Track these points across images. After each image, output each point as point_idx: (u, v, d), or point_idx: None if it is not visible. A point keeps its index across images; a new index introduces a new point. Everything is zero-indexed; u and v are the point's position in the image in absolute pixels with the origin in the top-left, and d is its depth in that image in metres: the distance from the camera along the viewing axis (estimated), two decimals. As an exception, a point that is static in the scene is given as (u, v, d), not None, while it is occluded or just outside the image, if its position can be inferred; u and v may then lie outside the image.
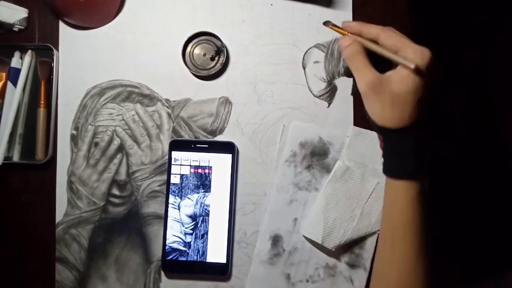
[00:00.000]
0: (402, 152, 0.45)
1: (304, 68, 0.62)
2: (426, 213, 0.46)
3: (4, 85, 0.62)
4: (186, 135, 0.63)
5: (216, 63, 0.62)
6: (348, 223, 0.59)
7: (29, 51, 0.62)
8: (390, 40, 0.43)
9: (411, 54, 0.41)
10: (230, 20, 0.63)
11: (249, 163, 0.62)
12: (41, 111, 0.62)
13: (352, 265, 0.60)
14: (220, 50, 0.61)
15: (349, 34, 0.46)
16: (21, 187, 0.63)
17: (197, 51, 0.62)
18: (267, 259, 0.61)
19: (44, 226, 0.63)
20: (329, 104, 0.62)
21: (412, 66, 0.40)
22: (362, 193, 0.59)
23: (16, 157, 0.63)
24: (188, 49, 0.62)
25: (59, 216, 0.63)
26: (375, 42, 0.44)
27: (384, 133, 0.46)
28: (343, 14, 0.62)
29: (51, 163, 0.63)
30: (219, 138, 0.63)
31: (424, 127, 0.44)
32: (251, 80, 0.63)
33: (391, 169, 0.47)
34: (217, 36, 0.61)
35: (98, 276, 0.62)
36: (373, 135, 0.60)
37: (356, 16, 0.62)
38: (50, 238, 0.62)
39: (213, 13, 0.63)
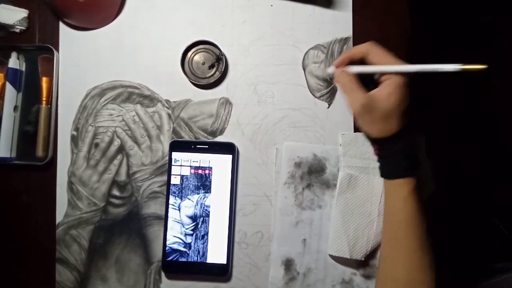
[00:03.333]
0: (394, 155, 0.52)
1: (304, 69, 0.62)
2: (425, 208, 0.51)
3: (3, 86, 0.62)
4: (187, 136, 0.63)
5: (215, 71, 0.62)
6: (369, 228, 0.58)
7: (13, 53, 0.62)
8: (376, 57, 0.50)
9: (391, 66, 0.50)
10: (230, 21, 0.63)
11: (249, 164, 0.62)
12: (43, 107, 0.62)
13: (367, 276, 0.60)
14: (219, 59, 0.61)
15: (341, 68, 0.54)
16: (21, 188, 0.63)
17: (196, 59, 0.62)
18: (283, 285, 0.60)
19: (44, 227, 0.63)
20: (329, 105, 0.62)
21: (403, 80, 0.48)
22: (373, 195, 0.59)
23: (16, 158, 0.63)
24: (187, 58, 0.62)
25: (59, 217, 0.63)
26: (364, 61, 0.51)
27: (377, 143, 0.54)
28: (343, 14, 0.62)
29: (52, 164, 0.63)
30: (220, 139, 0.63)
31: (411, 131, 0.51)
32: (251, 81, 0.63)
33: (386, 171, 0.53)
34: (216, 45, 0.61)
35: (98, 277, 0.62)
36: (362, 136, 0.60)
37: (356, 17, 0.62)
38: (50, 239, 0.62)
39: (213, 14, 0.63)
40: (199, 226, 0.60)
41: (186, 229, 0.60)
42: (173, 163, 0.61)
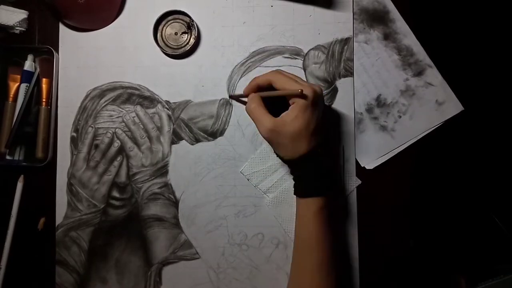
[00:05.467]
0: (305, 176, 0.52)
1: (305, 69, 0.62)
2: (332, 225, 0.53)
3: (17, 88, 0.62)
4: (187, 137, 0.62)
5: (189, 38, 0.61)
6: None
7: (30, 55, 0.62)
8: (280, 81, 0.51)
9: (296, 89, 0.48)
10: (230, 21, 0.63)
11: (249, 165, 0.62)
12: (43, 109, 0.62)
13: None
14: (190, 25, 0.61)
15: (250, 94, 0.54)
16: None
17: (168, 32, 0.62)
18: None
19: (44, 228, 0.62)
20: (330, 106, 0.62)
21: (298, 91, 0.47)
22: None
23: (16, 159, 0.63)
24: (159, 32, 0.62)
25: (59, 218, 0.62)
26: (271, 86, 0.52)
27: (288, 163, 0.56)
28: (343, 15, 0.62)
29: (51, 165, 0.63)
30: (220, 140, 0.62)
31: (321, 152, 0.52)
32: (251, 82, 0.62)
33: (298, 189, 0.54)
34: (184, 13, 0.61)
35: (98, 279, 0.62)
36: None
37: (356, 17, 0.62)
38: (50, 240, 0.62)
39: (213, 15, 0.63)
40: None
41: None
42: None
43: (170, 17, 0.62)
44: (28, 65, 0.62)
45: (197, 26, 0.62)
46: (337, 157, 0.61)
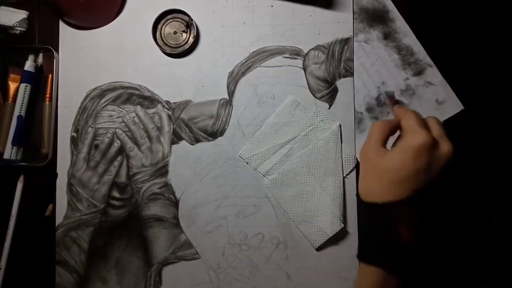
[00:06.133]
0: (366, 233, 0.43)
1: (305, 69, 0.62)
2: None
3: (17, 89, 0.62)
4: (187, 137, 0.62)
5: (188, 37, 0.61)
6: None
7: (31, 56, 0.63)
8: (404, 121, 0.44)
9: (409, 135, 0.42)
10: (230, 21, 0.63)
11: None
12: (46, 104, 0.62)
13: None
14: (189, 24, 0.61)
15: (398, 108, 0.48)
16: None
17: (167, 30, 0.62)
18: None
19: (44, 228, 0.62)
20: (330, 106, 0.62)
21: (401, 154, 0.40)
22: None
23: (21, 160, 0.63)
24: (158, 31, 0.62)
25: (59, 218, 0.62)
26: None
27: (364, 208, 0.45)
28: (343, 15, 0.62)
29: (51, 165, 0.63)
30: (220, 140, 0.62)
31: (412, 214, 0.41)
32: (251, 82, 0.62)
33: (362, 249, 0.45)
34: (183, 12, 0.61)
35: (98, 279, 0.62)
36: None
37: (356, 17, 0.62)
38: (50, 240, 0.62)
39: (213, 15, 0.63)
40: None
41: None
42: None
43: (169, 16, 0.62)
44: (29, 65, 0.62)
45: (196, 25, 0.62)
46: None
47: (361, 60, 0.62)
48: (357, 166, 0.60)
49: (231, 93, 0.62)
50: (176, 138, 0.63)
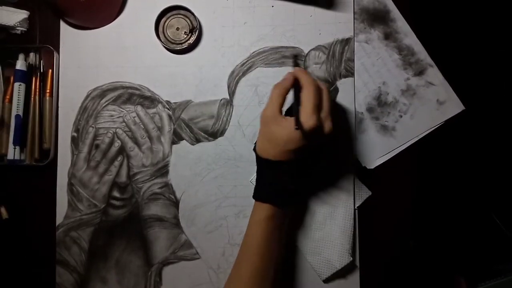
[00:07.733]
0: (266, 179, 0.52)
1: (305, 69, 0.62)
2: (278, 237, 0.52)
3: (12, 89, 0.62)
4: (187, 137, 0.62)
5: (191, 34, 0.61)
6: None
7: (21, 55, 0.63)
8: (304, 96, 0.48)
9: (303, 117, 0.47)
10: (231, 22, 0.63)
11: (250, 165, 0.62)
12: (47, 100, 0.62)
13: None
14: (192, 21, 0.61)
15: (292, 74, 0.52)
16: (21, 189, 0.63)
17: (169, 27, 0.62)
18: None
19: (44, 228, 0.62)
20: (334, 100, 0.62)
21: (293, 128, 0.46)
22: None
23: (16, 159, 0.63)
24: (160, 27, 0.62)
25: (59, 218, 0.62)
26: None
27: (262, 162, 0.52)
28: (344, 15, 0.62)
29: (52, 165, 0.63)
30: (220, 140, 0.62)
31: (293, 166, 0.50)
32: (252, 82, 0.62)
33: (255, 191, 0.53)
34: (186, 8, 0.61)
35: (98, 278, 0.62)
36: None
37: (357, 17, 0.62)
38: (50, 240, 0.62)
39: (214, 15, 0.63)
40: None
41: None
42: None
43: (172, 13, 0.62)
44: (20, 64, 0.62)
45: (199, 22, 0.62)
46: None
47: (361, 60, 0.62)
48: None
49: (231, 93, 0.62)
50: (176, 138, 0.63)
